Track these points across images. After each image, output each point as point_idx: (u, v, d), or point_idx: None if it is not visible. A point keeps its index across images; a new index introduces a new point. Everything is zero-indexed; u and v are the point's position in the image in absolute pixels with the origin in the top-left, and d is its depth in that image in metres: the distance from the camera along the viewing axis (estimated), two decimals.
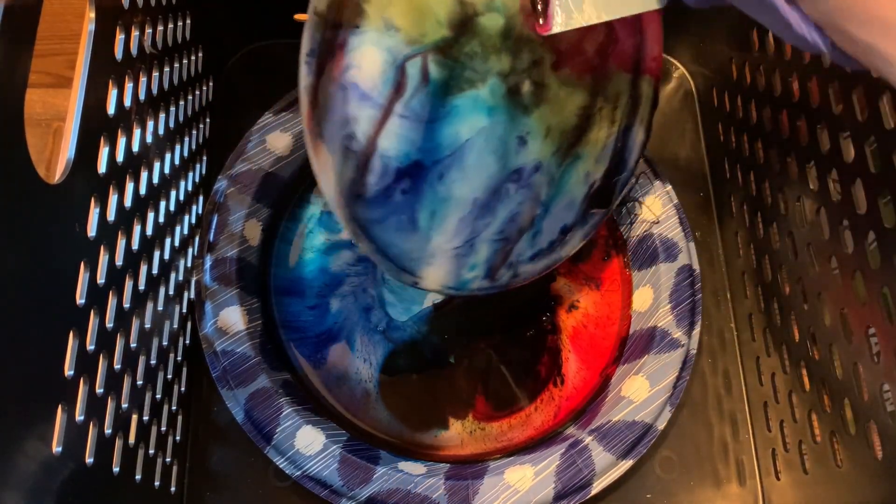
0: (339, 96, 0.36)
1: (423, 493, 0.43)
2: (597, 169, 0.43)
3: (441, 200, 0.40)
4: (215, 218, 0.49)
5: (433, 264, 0.41)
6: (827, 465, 0.39)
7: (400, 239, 0.40)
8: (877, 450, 0.35)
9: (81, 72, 0.32)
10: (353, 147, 0.37)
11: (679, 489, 0.48)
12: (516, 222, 0.42)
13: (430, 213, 0.40)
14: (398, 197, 0.39)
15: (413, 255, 0.41)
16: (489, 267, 0.43)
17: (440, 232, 0.41)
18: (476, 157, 0.40)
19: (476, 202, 0.41)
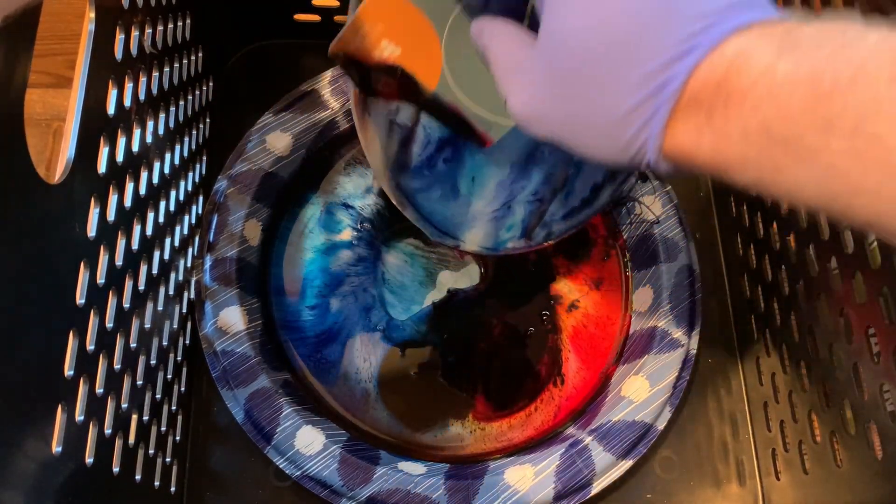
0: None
1: (423, 493, 0.43)
2: None
3: (480, 167, 0.42)
4: (215, 218, 0.49)
5: (474, 227, 0.43)
6: (827, 465, 0.39)
7: (443, 206, 0.42)
8: (877, 450, 0.35)
9: (81, 72, 0.32)
10: (398, 120, 0.39)
11: (679, 489, 0.48)
12: (550, 183, 0.44)
13: (470, 180, 0.42)
14: (441, 166, 0.41)
15: (455, 219, 0.43)
16: (525, 227, 0.44)
17: (480, 197, 0.42)
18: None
19: (513, 167, 0.42)
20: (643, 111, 0.23)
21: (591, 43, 0.24)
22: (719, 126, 0.22)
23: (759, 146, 0.21)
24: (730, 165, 0.23)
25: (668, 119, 0.23)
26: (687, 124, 0.23)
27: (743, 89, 0.21)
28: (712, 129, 0.22)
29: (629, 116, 0.24)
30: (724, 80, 0.22)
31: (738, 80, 0.21)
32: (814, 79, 0.20)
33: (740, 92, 0.21)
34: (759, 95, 0.21)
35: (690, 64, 0.22)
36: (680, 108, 0.23)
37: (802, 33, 0.21)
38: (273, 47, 0.59)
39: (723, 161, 0.23)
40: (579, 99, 0.25)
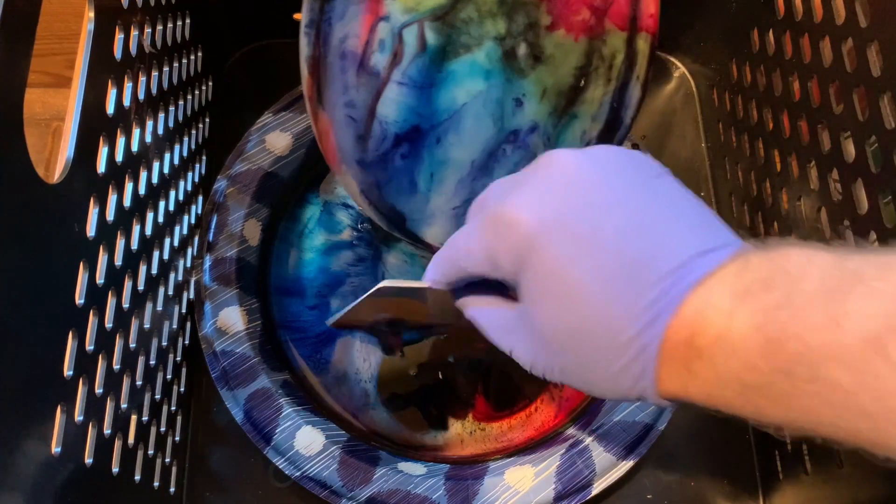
0: (337, 66, 0.37)
1: (423, 493, 0.43)
2: (593, 127, 0.44)
3: (439, 163, 0.41)
4: (215, 218, 0.49)
5: (433, 224, 0.42)
6: (828, 465, 0.39)
7: (401, 201, 0.41)
8: None
9: (81, 71, 0.32)
10: (353, 115, 0.38)
11: (680, 490, 0.48)
12: None
13: (428, 176, 0.41)
14: (398, 161, 0.40)
15: (414, 216, 0.42)
16: None
17: (439, 193, 0.42)
18: (473, 120, 0.41)
19: (474, 164, 0.42)
20: (632, 370, 0.26)
21: (567, 336, 0.27)
22: (700, 375, 0.24)
23: (737, 392, 0.23)
24: (721, 405, 0.25)
25: (656, 372, 0.25)
26: (672, 375, 0.25)
27: (707, 346, 0.23)
28: (695, 378, 0.24)
29: (621, 375, 0.26)
30: (690, 339, 0.24)
31: (701, 339, 0.23)
32: (766, 331, 0.22)
33: (706, 348, 0.23)
34: (723, 351, 0.23)
35: (659, 331, 0.24)
36: (663, 364, 0.25)
37: (751, 275, 0.23)
38: (273, 47, 0.59)
39: (713, 402, 0.25)
40: (570, 362, 0.28)
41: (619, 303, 0.25)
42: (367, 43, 0.37)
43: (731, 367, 0.23)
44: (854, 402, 0.20)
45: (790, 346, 0.21)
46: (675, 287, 0.24)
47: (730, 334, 0.23)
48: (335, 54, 0.37)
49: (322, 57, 0.37)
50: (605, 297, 0.25)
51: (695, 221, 0.27)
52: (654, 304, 0.24)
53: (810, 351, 0.21)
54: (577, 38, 0.41)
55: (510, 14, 0.39)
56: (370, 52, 0.37)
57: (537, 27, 0.40)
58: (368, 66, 0.38)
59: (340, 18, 0.36)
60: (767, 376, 0.22)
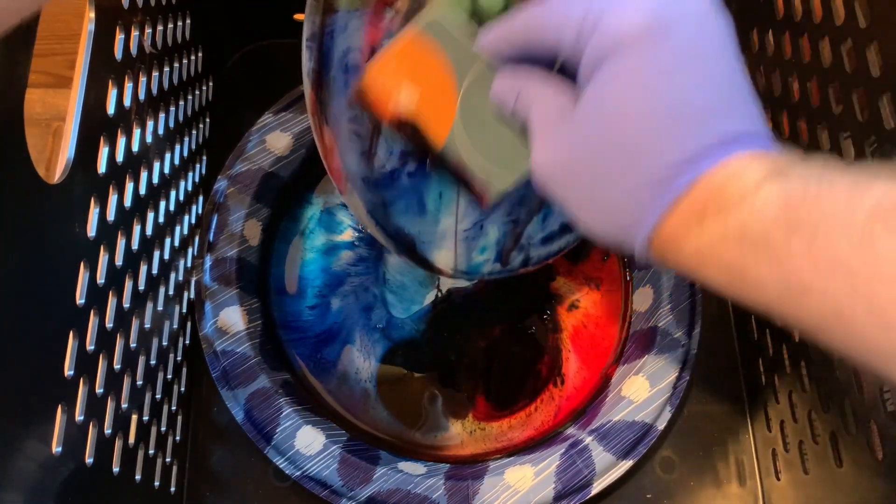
0: (340, 80, 0.36)
1: (423, 493, 0.43)
2: None
3: (448, 183, 0.40)
4: (215, 218, 0.49)
5: (443, 247, 0.41)
6: (827, 466, 0.39)
7: (408, 222, 0.40)
8: (877, 450, 0.35)
9: (81, 72, 0.32)
10: (358, 131, 0.37)
11: (679, 489, 0.48)
12: (526, 204, 0.42)
13: (437, 196, 0.40)
14: (404, 180, 0.39)
15: (423, 237, 0.41)
16: (500, 250, 0.43)
17: (448, 214, 0.41)
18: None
19: None
20: (648, 198, 0.27)
21: (630, 124, 0.27)
22: (706, 227, 0.26)
23: (733, 247, 0.25)
24: (704, 264, 0.26)
25: (666, 209, 0.26)
26: (678, 220, 0.26)
27: (732, 201, 0.25)
28: (699, 229, 0.26)
29: (634, 197, 0.27)
30: (720, 191, 0.25)
31: (729, 193, 0.25)
32: (789, 195, 0.24)
33: (729, 203, 0.25)
34: (743, 207, 0.25)
35: (700, 170, 0.26)
36: (677, 205, 0.26)
37: (792, 169, 0.25)
38: (273, 47, 0.59)
39: (699, 259, 0.26)
40: (599, 171, 0.28)
41: (684, 128, 0.26)
42: (370, 56, 0.36)
43: (742, 220, 0.24)
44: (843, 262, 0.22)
45: (803, 208, 0.23)
46: (730, 146, 0.26)
47: (756, 195, 0.24)
48: (338, 68, 0.36)
49: (325, 71, 0.36)
50: (666, 122, 0.26)
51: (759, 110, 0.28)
52: (709, 150, 0.26)
53: (822, 215, 0.23)
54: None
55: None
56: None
57: None
58: None
59: (343, 31, 0.35)
60: (770, 229, 0.24)
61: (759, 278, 0.24)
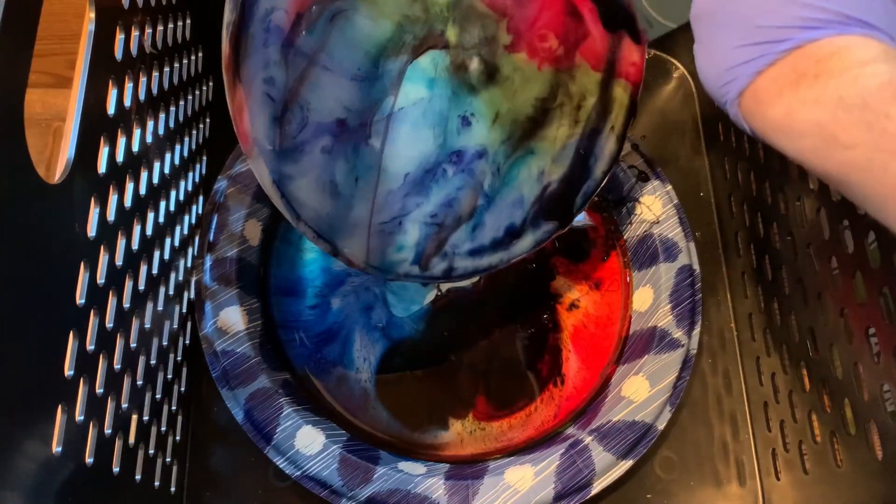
0: (260, 37, 0.34)
1: (422, 493, 0.43)
2: (553, 170, 0.41)
3: (367, 167, 0.38)
4: (215, 218, 0.49)
5: (354, 236, 0.39)
6: (827, 466, 0.39)
7: (317, 201, 0.38)
8: (877, 450, 0.35)
9: (81, 72, 0.32)
10: (272, 93, 0.35)
11: (679, 489, 0.48)
12: (453, 208, 0.40)
13: (353, 179, 0.38)
14: (317, 154, 0.37)
15: (333, 221, 0.39)
16: (419, 252, 0.41)
17: (364, 201, 0.39)
18: (410, 128, 0.38)
19: (407, 177, 0.39)
20: (754, 52, 0.29)
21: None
22: (802, 90, 0.27)
23: (827, 110, 0.26)
24: (792, 128, 0.28)
25: (766, 67, 0.28)
26: (776, 80, 0.28)
27: (834, 71, 0.26)
28: (794, 92, 0.27)
29: (743, 49, 0.29)
30: (826, 59, 0.27)
31: (836, 63, 0.26)
32: (894, 75, 0.25)
33: (833, 71, 0.26)
34: (846, 77, 0.26)
35: (811, 37, 0.27)
36: (778, 65, 0.28)
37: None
38: None
39: (787, 121, 0.28)
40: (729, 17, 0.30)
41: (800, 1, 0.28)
42: (296, 20, 0.35)
43: (842, 89, 0.26)
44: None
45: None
46: (847, 26, 0.27)
47: (863, 69, 0.26)
48: (259, 25, 0.34)
49: (245, 26, 0.34)
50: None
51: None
52: (825, 23, 0.27)
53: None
54: (540, 66, 0.38)
55: (463, 23, 0.37)
56: (299, 30, 0.35)
57: (495, 44, 0.37)
58: (294, 44, 0.35)
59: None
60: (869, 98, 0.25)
61: (848, 141, 0.25)
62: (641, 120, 0.59)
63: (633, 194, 0.52)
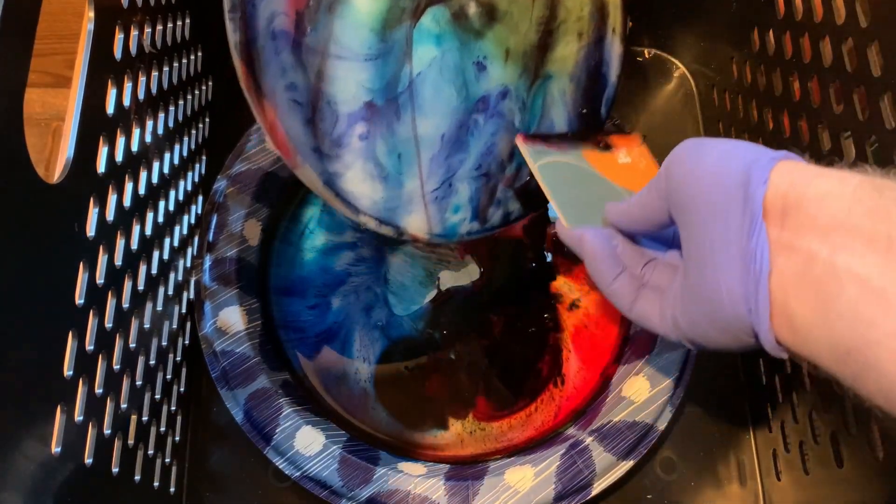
0: (270, 47, 0.34)
1: (422, 493, 0.43)
2: (573, 88, 0.41)
3: (404, 141, 0.38)
4: (215, 218, 0.49)
5: (413, 211, 0.39)
6: (828, 466, 0.39)
7: (369, 188, 0.38)
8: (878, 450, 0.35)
9: (80, 71, 0.32)
10: (297, 98, 0.35)
11: (680, 490, 0.48)
12: (494, 154, 0.40)
13: (396, 157, 0.38)
14: (356, 143, 0.37)
15: (389, 204, 0.38)
16: (475, 207, 0.41)
17: (411, 175, 0.39)
18: (432, 90, 0.38)
19: (443, 138, 0.39)
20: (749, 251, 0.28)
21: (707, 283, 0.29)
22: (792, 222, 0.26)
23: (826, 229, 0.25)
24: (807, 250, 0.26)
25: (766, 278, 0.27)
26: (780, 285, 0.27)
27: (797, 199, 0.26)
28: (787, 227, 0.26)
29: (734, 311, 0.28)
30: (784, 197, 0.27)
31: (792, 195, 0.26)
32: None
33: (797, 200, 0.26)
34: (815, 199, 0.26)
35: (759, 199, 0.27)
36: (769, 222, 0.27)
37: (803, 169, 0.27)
38: None
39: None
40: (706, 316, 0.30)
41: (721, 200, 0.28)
42: (297, 19, 0.34)
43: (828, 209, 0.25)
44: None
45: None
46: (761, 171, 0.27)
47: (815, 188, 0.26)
48: (265, 36, 0.34)
49: (252, 41, 0.34)
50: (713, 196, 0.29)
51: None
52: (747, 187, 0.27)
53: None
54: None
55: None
56: (303, 28, 0.35)
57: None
58: (303, 43, 0.35)
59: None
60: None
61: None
62: (641, 120, 0.59)
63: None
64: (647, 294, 0.34)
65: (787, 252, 0.26)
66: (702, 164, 0.30)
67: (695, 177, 0.30)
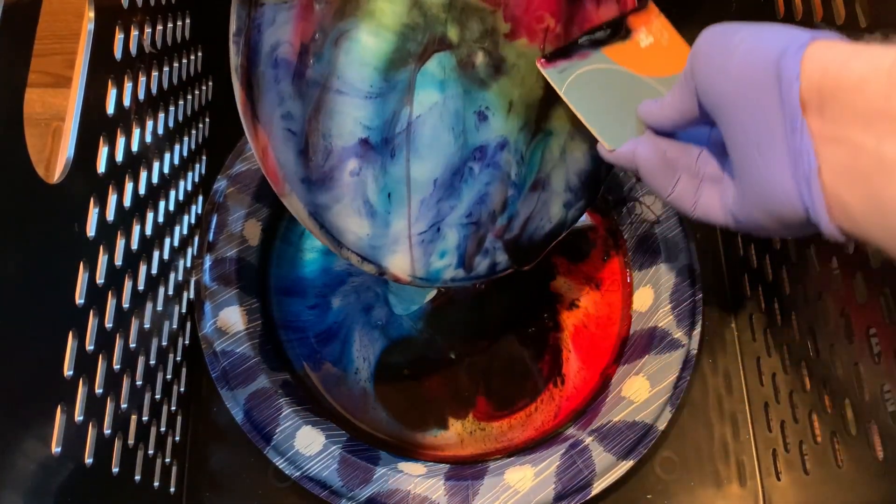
0: (270, 75, 0.34)
1: (422, 493, 0.43)
2: (573, 146, 0.41)
3: (396, 181, 0.38)
4: (215, 218, 0.49)
5: (397, 252, 0.39)
6: (828, 466, 0.39)
7: (356, 224, 0.38)
8: (878, 450, 0.35)
9: (81, 71, 0.32)
10: (292, 127, 0.35)
11: (680, 490, 0.48)
12: (486, 204, 0.40)
13: (386, 196, 0.38)
14: (347, 178, 0.37)
15: (373, 242, 0.38)
16: (462, 254, 0.41)
17: (400, 216, 0.38)
18: (430, 134, 0.38)
19: (436, 182, 0.39)
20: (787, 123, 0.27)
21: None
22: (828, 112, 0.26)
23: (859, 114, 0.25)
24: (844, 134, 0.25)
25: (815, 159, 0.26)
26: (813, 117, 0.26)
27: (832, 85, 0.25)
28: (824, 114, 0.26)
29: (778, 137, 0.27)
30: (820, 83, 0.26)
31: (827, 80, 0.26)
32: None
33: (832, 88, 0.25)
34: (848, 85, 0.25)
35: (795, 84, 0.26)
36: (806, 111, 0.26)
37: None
38: None
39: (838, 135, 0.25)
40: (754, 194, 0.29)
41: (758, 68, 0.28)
42: (301, 50, 0.35)
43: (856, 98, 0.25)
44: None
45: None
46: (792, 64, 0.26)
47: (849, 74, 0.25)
48: (267, 63, 0.34)
49: (253, 67, 0.34)
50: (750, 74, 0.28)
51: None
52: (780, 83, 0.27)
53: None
54: (542, 47, 0.39)
55: (461, 20, 0.37)
56: (306, 59, 0.35)
57: (495, 35, 0.38)
58: (305, 75, 0.35)
59: (270, 24, 0.34)
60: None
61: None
62: None
63: (633, 194, 0.52)
64: (706, 189, 0.34)
65: (832, 145, 0.26)
66: (729, 62, 0.29)
67: (724, 77, 0.29)
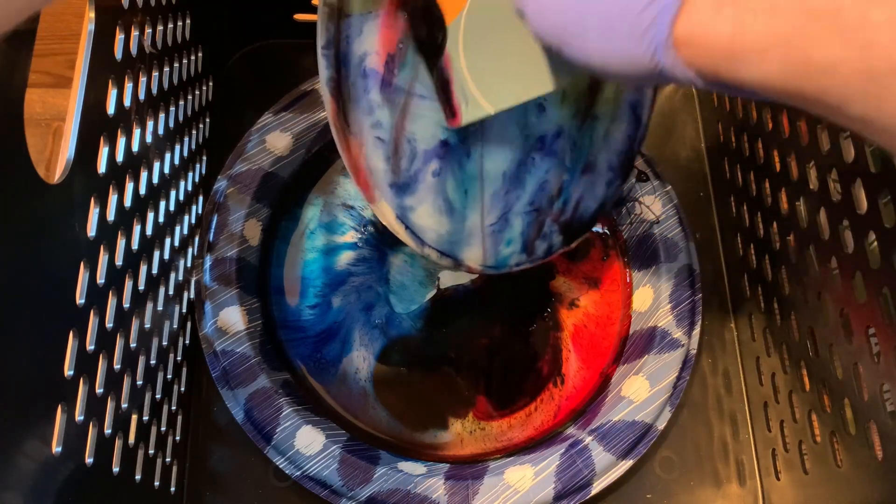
0: (360, 85, 0.36)
1: (422, 493, 0.43)
2: (615, 127, 0.43)
3: (472, 178, 0.40)
4: (215, 218, 0.49)
5: (472, 244, 0.41)
6: (827, 466, 0.39)
7: (436, 223, 0.40)
8: (877, 450, 0.35)
9: (81, 71, 0.32)
10: (381, 135, 0.37)
11: (679, 489, 0.48)
12: (545, 191, 0.43)
13: (462, 193, 0.40)
14: (430, 179, 0.39)
15: (452, 237, 0.41)
16: (525, 240, 0.43)
17: (474, 210, 0.41)
18: (500, 129, 0.40)
19: (505, 175, 0.41)
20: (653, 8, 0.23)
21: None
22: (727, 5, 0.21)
23: (789, 21, 0.20)
24: (752, 49, 0.22)
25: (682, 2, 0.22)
26: (703, 4, 0.22)
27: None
28: (734, 4, 0.21)
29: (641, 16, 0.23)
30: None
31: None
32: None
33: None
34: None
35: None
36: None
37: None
38: (273, 47, 0.59)
39: (743, 45, 0.22)
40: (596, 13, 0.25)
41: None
42: (387, 59, 0.36)
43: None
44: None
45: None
46: None
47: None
48: (356, 74, 0.36)
49: (344, 78, 0.35)
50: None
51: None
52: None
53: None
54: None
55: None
56: (392, 67, 0.36)
57: None
58: (391, 83, 0.36)
59: (358, 35, 0.35)
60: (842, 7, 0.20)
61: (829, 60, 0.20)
62: None
63: (632, 194, 0.52)
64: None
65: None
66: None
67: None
